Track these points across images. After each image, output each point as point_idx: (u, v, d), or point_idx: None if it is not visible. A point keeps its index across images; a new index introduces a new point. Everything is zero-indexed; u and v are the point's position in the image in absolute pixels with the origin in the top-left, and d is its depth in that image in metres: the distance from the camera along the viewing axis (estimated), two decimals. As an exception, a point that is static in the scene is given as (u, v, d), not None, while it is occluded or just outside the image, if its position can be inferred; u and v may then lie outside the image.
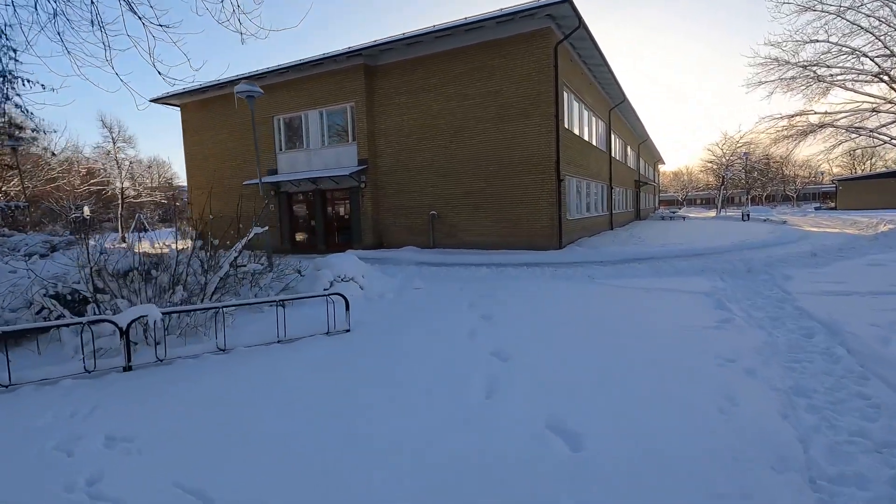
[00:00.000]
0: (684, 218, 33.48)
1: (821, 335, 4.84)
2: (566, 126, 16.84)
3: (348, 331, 5.69)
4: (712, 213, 43.42)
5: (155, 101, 21.31)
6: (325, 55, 17.30)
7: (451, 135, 16.63)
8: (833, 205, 47.45)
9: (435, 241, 17.28)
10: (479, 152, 16.21)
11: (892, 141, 23.67)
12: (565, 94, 16.93)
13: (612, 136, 26.37)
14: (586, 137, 20.11)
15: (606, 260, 12.80)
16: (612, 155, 26.04)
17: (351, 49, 16.81)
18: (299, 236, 20.09)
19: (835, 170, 57.48)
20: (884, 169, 51.08)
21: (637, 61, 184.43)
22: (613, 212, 25.55)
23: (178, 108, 22.02)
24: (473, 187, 16.48)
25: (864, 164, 59.18)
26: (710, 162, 46.78)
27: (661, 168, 71.17)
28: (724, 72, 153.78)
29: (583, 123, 19.53)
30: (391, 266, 12.49)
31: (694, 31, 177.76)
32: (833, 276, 8.17)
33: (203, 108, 21.20)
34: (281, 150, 19.69)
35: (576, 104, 18.56)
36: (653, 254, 13.52)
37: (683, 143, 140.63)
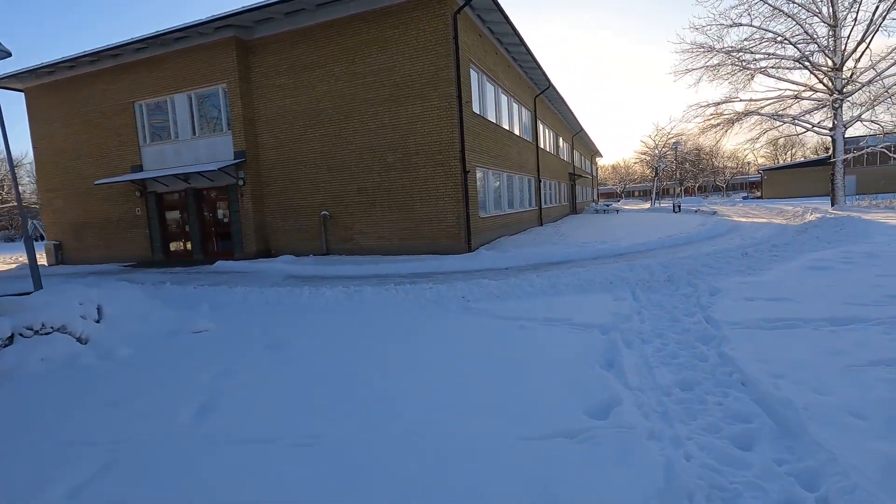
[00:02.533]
0: (618, 211, 32.30)
1: (766, 445, 2.54)
2: (476, 111, 14.49)
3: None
4: (647, 205, 42.90)
5: (-12, 83, 17.26)
6: (189, 24, 14.06)
7: (340, 120, 13.89)
8: (759, 194, 48.31)
9: (329, 247, 14.52)
10: (373, 140, 13.58)
11: (814, 128, 23.03)
12: (475, 74, 14.57)
13: (541, 126, 24.44)
14: (506, 125, 17.89)
15: (512, 266, 10.52)
16: (541, 146, 24.10)
17: (218, 16, 13.67)
18: (174, 245, 16.72)
19: (760, 160, 59.04)
20: (803, 158, 52.73)
21: (573, 56, 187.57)
22: (543, 206, 23.63)
23: (23, 93, 17.96)
24: (368, 182, 13.83)
25: (786, 154, 61.26)
26: (644, 154, 46.38)
27: (600, 161, 71.22)
28: (659, 63, 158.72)
29: (500, 109, 17.28)
30: (245, 284, 9.65)
31: (626, 27, 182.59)
32: (771, 287, 6.13)
33: (52, 92, 17.30)
34: (145, 142, 16.23)
35: (490, 87, 16.26)
36: (569, 256, 11.39)
37: (623, 137, 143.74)
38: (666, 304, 5.86)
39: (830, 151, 44.06)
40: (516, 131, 19.39)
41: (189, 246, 16.24)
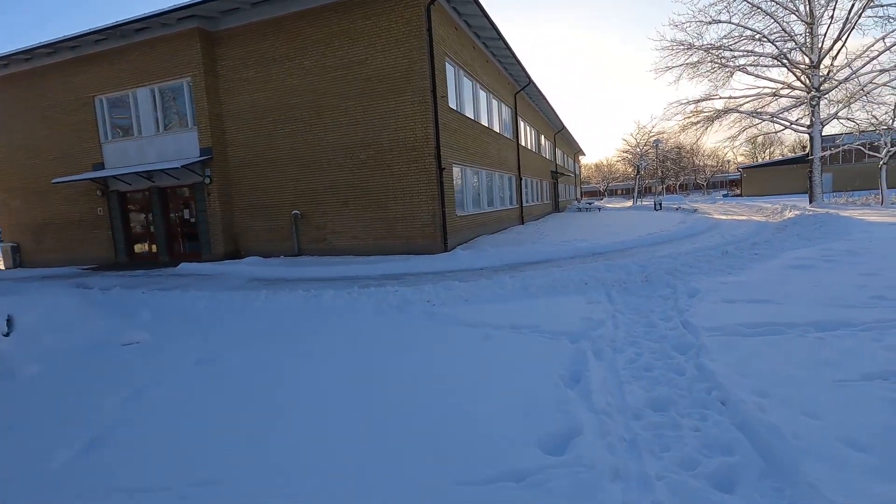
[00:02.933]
0: (600, 209, 32.15)
1: (751, 485, 2.12)
2: (453, 106, 14.02)
3: None
4: (629, 204, 42.94)
5: (-62, 77, 16.24)
6: (150, 14, 13.32)
7: (311, 116, 13.30)
8: (739, 192, 48.75)
9: (300, 248, 13.92)
10: (346, 137, 13.02)
11: (792, 125, 23.07)
12: (451, 69, 14.10)
13: (521, 124, 24.08)
14: (485, 122, 17.46)
15: (487, 267, 10.08)
16: (522, 143, 23.74)
17: (181, 5, 12.96)
18: (138, 246, 15.94)
19: (739, 158, 59.67)
20: (781, 157, 53.38)
21: (556, 56, 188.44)
22: (525, 205, 23.27)
23: (-24, 87, 16.95)
24: (341, 180, 13.27)
25: (765, 152, 62.03)
26: (626, 152, 46.44)
27: (584, 160, 71.38)
28: (642, 61, 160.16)
29: (479, 105, 16.84)
30: (202, 288, 9.04)
31: (611, 28, 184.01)
32: (752, 288, 5.78)
33: (8, 86, 16.35)
34: (107, 138, 15.41)
35: (468, 82, 15.81)
36: (546, 255, 11.00)
37: (606, 136, 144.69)
38: (642, 308, 5.47)
39: (808, 149, 44.50)
40: (496, 128, 18.98)
41: (154, 247, 15.48)
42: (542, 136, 30.52)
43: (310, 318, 5.73)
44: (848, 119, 22.55)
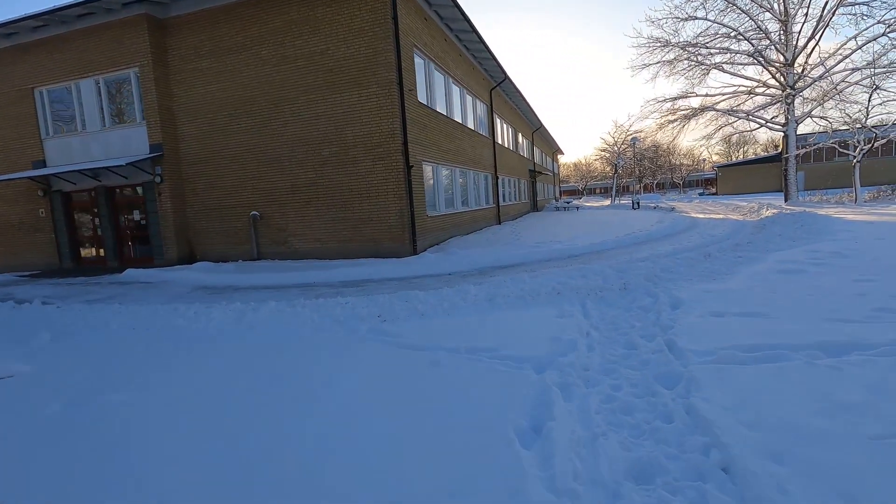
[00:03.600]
0: (578, 208, 31.74)
1: None
2: (422, 101, 13.22)
3: None
4: (607, 202, 42.78)
5: None
6: None
7: (270, 109, 12.33)
8: (714, 190, 49.13)
9: (260, 251, 12.94)
10: (307, 132, 12.10)
11: (768, 124, 22.93)
12: (420, 61, 13.28)
13: (498, 121, 23.40)
14: (458, 118, 16.69)
15: (456, 271, 9.32)
16: (498, 141, 23.07)
17: (125, -10, 11.85)
18: (85, 251, 14.70)
19: (714, 157, 60.28)
20: (754, 155, 54.05)
21: (536, 56, 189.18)
22: (501, 204, 22.60)
23: None
24: (302, 178, 12.34)
25: (739, 151, 62.85)
26: (604, 150, 46.30)
27: (563, 159, 71.27)
28: (619, 61, 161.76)
29: (452, 101, 16.06)
30: (135, 300, 8.05)
31: (588, 30, 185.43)
32: (740, 297, 5.13)
33: (-62, 77, 14.91)
34: (48, 134, 14.14)
35: (439, 76, 15.02)
36: (520, 258, 10.29)
37: (585, 135, 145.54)
38: (621, 323, 4.76)
39: (781, 148, 45.05)
40: (470, 125, 18.23)
41: (102, 252, 14.28)
42: (520, 135, 29.93)
43: (233, 340, 4.85)
44: (821, 118, 22.51)
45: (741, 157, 58.41)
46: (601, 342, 4.17)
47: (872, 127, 19.07)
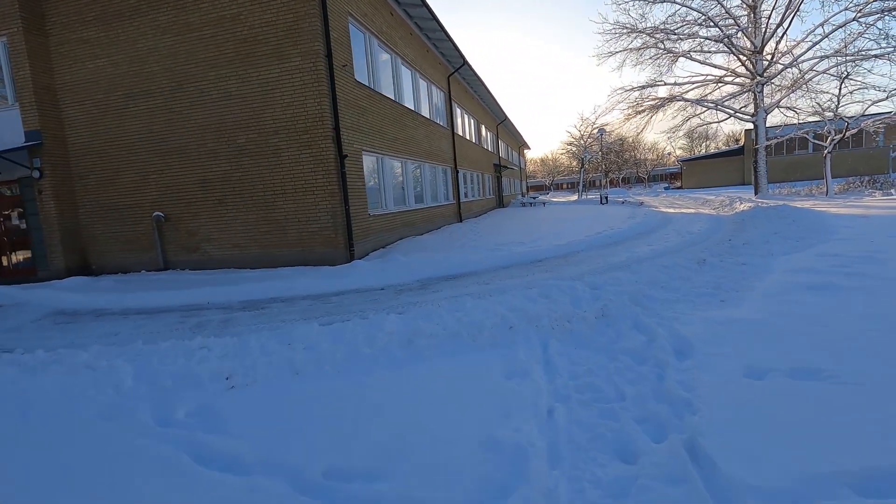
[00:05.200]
0: (544, 204, 30.31)
1: None
2: (363, 81, 11.20)
3: None
4: (574, 197, 41.70)
5: None
6: (-61, -49, 9.58)
7: (173, 89, 10.08)
8: (679, 184, 48.86)
9: (167, 260, 10.68)
10: (218, 116, 9.92)
11: (737, 114, 21.94)
12: (358, 34, 11.27)
13: (458, 111, 21.56)
14: (410, 104, 14.74)
15: (391, 285, 7.41)
16: (459, 133, 21.24)
17: (-21, -61, 9.33)
18: (-46, 261, 12.02)
19: (678, 152, 60.36)
20: (716, 150, 54.22)
21: (501, 52, 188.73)
22: (463, 200, 20.78)
23: None
24: (215, 172, 10.16)
25: (701, 145, 63.16)
26: (570, 144, 45.19)
27: (529, 155, 70.23)
28: (585, 54, 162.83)
29: (401, 84, 14.09)
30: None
31: (554, 27, 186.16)
32: (774, 335, 3.45)
33: None
34: None
35: (385, 55, 13.02)
36: (474, 266, 8.46)
37: (551, 130, 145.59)
38: (603, 387, 2.96)
39: (742, 142, 44.68)
40: (425, 112, 16.30)
41: (-26, 263, 11.66)
42: (483, 127, 28.19)
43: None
44: (789, 108, 21.66)
45: (703, 151, 58.61)
46: (574, 441, 2.34)
47: (844, 117, 18.17)
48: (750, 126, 40.06)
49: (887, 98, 17.15)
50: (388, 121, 12.64)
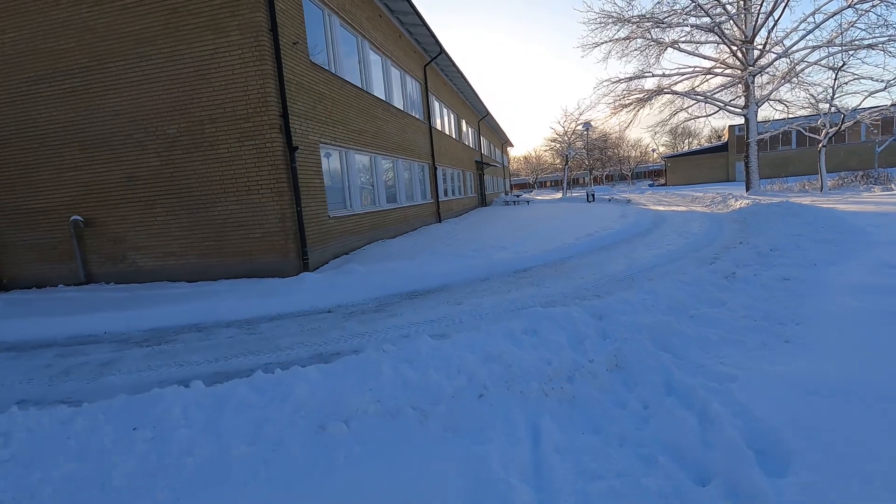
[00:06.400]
0: (528, 202, 29.05)
1: None
2: (321, 64, 9.70)
3: None
4: (559, 195, 40.61)
5: None
6: None
7: (92, 68, 8.43)
8: (663, 181, 48.15)
9: (88, 272, 9.04)
10: (144, 101, 8.31)
11: (727, 106, 20.92)
12: (315, 10, 9.76)
13: (436, 104, 20.12)
14: (380, 94, 13.25)
15: (341, 305, 5.95)
16: (437, 127, 19.80)
17: None
18: None
19: (661, 149, 59.80)
20: (699, 146, 53.74)
21: (484, 49, 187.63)
22: (442, 199, 19.35)
23: None
24: (143, 168, 8.55)
25: (683, 142, 62.74)
26: (554, 140, 44.07)
27: (512, 153, 69.10)
28: (568, 61, 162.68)
29: (369, 71, 12.58)
30: None
31: (538, 24, 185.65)
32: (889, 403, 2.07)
33: None
34: None
35: (348, 36, 11.50)
36: (444, 277, 7.05)
37: (535, 130, 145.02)
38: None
39: (724, 138, 43.94)
40: (398, 104, 14.82)
41: None
42: (464, 122, 26.79)
43: None
44: (778, 101, 20.72)
45: (686, 148, 58.14)
46: None
47: (840, 109, 17.22)
48: (734, 122, 39.47)
49: (885, 88, 16.22)
50: (353, 110, 11.14)
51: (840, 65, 16.87)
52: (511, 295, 5.63)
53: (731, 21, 19.25)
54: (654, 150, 58.75)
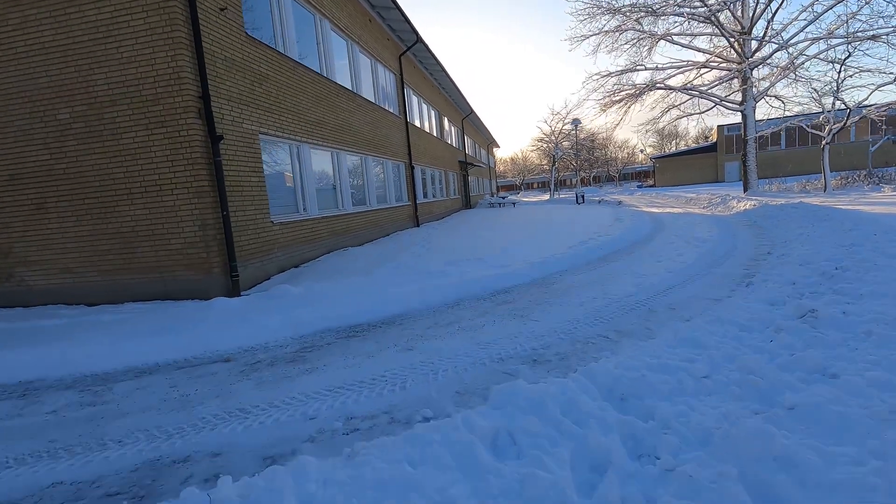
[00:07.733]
0: (514, 204, 27.54)
1: None
2: (257, 36, 8.00)
3: None
4: (546, 197, 39.24)
5: None
6: None
7: (-41, 39, 6.64)
8: (652, 182, 47.10)
9: (-34, 292, 7.20)
10: (27, 78, 6.54)
11: (723, 101, 19.63)
12: (255, -26, 8.04)
13: (414, 99, 18.49)
14: (345, 82, 11.58)
15: (247, 349, 4.26)
16: (416, 123, 18.17)
17: None
18: None
19: (648, 150, 58.92)
20: (685, 147, 52.91)
21: (469, 50, 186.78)
22: (421, 201, 17.70)
23: None
24: (30, 162, 6.77)
25: (671, 143, 61.99)
26: (541, 140, 42.70)
27: (499, 154, 67.74)
28: (556, 62, 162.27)
29: (330, 54, 10.89)
30: None
31: (525, 24, 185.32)
32: None
33: None
34: None
35: (303, 12, 9.81)
36: (403, 304, 5.40)
37: (521, 130, 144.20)
38: None
39: (711, 138, 42.71)
40: (368, 95, 13.16)
41: None
42: (447, 120, 25.19)
43: None
44: (776, 97, 19.50)
45: (674, 149, 57.32)
46: None
47: (848, 104, 15.99)
48: (727, 120, 38.50)
49: (895, 81, 15.02)
50: (308, 98, 9.46)
51: (845, 56, 15.64)
52: (484, 333, 4.03)
53: (728, 10, 17.98)
54: (641, 151, 57.85)
